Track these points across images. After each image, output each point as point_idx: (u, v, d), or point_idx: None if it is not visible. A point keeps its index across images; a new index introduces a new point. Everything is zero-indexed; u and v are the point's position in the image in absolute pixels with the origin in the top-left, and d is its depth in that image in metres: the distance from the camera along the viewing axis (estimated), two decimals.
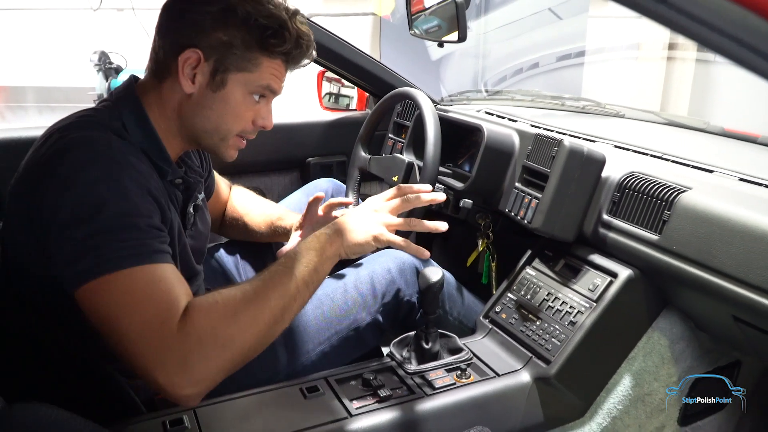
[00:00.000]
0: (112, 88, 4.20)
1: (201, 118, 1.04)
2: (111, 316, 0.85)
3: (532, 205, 1.28)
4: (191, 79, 1.00)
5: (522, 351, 1.23)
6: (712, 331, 1.23)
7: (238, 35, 0.98)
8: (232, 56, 0.99)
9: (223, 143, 1.07)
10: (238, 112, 1.04)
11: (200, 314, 0.86)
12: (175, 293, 0.87)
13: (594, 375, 1.21)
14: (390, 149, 1.81)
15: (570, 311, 1.20)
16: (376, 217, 1.10)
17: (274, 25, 0.98)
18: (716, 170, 1.21)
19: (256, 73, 1.01)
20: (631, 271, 1.18)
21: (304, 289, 0.98)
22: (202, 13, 0.97)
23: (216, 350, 0.86)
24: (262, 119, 1.07)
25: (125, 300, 0.84)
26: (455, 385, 1.14)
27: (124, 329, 0.84)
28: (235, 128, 1.06)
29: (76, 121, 0.97)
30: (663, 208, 1.12)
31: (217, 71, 1.00)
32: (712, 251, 1.03)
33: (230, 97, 1.02)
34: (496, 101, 2.05)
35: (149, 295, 0.85)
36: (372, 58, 1.87)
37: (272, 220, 1.44)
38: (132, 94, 1.03)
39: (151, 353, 0.83)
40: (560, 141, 1.24)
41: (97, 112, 1.01)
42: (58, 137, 0.93)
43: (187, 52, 0.98)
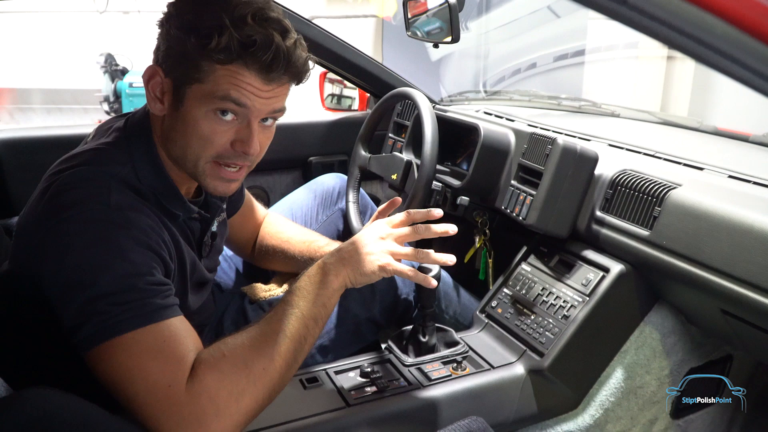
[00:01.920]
0: (118, 90, 4.20)
1: (171, 142, 0.96)
2: (118, 380, 0.82)
3: (526, 202, 1.31)
4: (160, 100, 0.94)
5: (517, 344, 1.26)
6: (702, 325, 1.26)
7: (185, 43, 0.89)
8: (183, 67, 0.90)
9: (197, 171, 0.96)
10: (202, 132, 0.92)
11: (209, 371, 0.84)
12: (181, 351, 0.84)
13: (587, 368, 1.24)
14: (390, 148, 1.85)
15: (563, 305, 1.23)
16: (382, 245, 1.04)
17: (213, 27, 0.87)
18: (706, 168, 1.23)
19: (210, 82, 0.89)
20: (622, 266, 1.21)
21: (313, 327, 0.95)
22: (164, 28, 0.92)
23: (230, 406, 0.83)
24: (240, 142, 0.94)
25: (131, 364, 0.82)
26: (451, 376, 1.17)
27: (132, 393, 0.82)
28: (203, 152, 0.94)
29: (78, 171, 0.91)
30: (654, 205, 1.15)
31: (177, 87, 0.92)
32: (700, 246, 1.05)
33: (189, 114, 0.92)
34: (495, 101, 2.08)
35: (155, 356, 0.82)
36: (372, 59, 1.90)
37: (312, 248, 1.37)
38: (146, 130, 0.98)
39: (163, 416, 0.81)
40: (554, 139, 1.27)
41: (106, 152, 0.95)
42: (56, 191, 0.88)
43: (149, 68, 0.93)
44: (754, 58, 0.38)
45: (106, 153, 0.95)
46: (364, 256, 1.02)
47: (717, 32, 0.38)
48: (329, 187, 1.66)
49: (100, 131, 1.05)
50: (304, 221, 1.61)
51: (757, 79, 0.40)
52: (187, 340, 0.87)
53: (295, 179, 1.98)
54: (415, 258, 1.05)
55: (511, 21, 4.61)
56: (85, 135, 1.11)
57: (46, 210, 0.88)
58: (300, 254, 1.38)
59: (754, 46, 0.38)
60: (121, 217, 0.87)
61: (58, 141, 1.55)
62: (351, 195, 1.61)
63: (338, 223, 1.65)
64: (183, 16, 0.90)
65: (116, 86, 4.60)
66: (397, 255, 1.04)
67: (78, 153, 0.96)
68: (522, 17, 4.51)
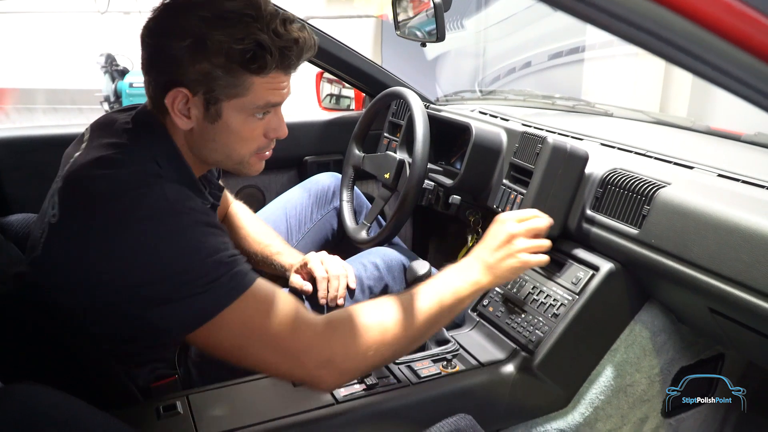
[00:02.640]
0: (119, 90, 4.22)
1: (208, 150, 1.01)
2: (238, 346, 0.90)
3: (517, 201, 1.31)
4: (186, 116, 0.96)
5: (507, 343, 1.26)
6: (692, 324, 1.26)
7: (218, 64, 0.91)
8: (218, 86, 0.93)
9: (241, 165, 1.05)
10: (244, 135, 0.99)
11: (346, 324, 0.94)
12: (286, 300, 0.92)
13: (577, 366, 1.24)
14: (385, 148, 1.85)
15: (553, 304, 1.23)
16: (518, 245, 1.09)
17: (251, 48, 0.91)
18: (696, 166, 1.23)
19: (250, 95, 0.95)
20: (612, 264, 1.21)
21: (447, 316, 1.04)
22: (177, 49, 0.92)
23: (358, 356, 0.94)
24: (274, 131, 1.03)
25: (247, 327, 0.89)
26: (440, 374, 1.17)
27: (258, 352, 0.90)
28: (247, 150, 1.02)
29: (118, 174, 0.91)
30: (643, 203, 1.15)
31: (210, 103, 0.95)
32: (687, 244, 1.06)
33: (230, 124, 0.97)
34: (490, 101, 2.09)
35: (266, 313, 0.90)
36: (367, 59, 1.91)
37: (270, 251, 1.42)
38: (161, 127, 1.00)
39: (291, 362, 0.91)
40: (544, 138, 1.27)
41: (129, 151, 0.96)
42: (106, 198, 0.89)
43: (173, 92, 0.94)
44: (715, 54, 0.39)
45: (129, 153, 0.96)
46: (507, 261, 1.09)
47: (677, 29, 0.38)
48: (324, 186, 1.67)
49: (101, 128, 1.05)
50: (298, 220, 1.61)
51: (721, 75, 0.41)
52: (283, 292, 0.94)
53: (290, 178, 1.99)
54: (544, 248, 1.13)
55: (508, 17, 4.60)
56: (77, 134, 1.11)
57: (104, 219, 0.88)
58: (254, 253, 1.42)
59: (716, 43, 0.38)
60: (184, 206, 0.91)
61: (52, 140, 1.56)
62: (345, 194, 1.62)
63: (333, 222, 1.66)
64: (212, 38, 0.90)
65: (116, 86, 4.63)
66: (530, 249, 1.10)
67: (100, 157, 0.94)
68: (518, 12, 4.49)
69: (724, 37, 0.40)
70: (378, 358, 0.97)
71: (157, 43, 0.95)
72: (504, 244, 1.09)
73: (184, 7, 0.93)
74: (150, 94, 1.00)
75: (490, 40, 4.87)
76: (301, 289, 1.31)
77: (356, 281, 1.34)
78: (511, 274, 1.10)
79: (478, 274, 1.07)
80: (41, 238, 0.95)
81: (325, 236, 1.66)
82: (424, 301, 1.01)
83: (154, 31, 0.96)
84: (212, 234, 0.91)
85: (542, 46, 4.44)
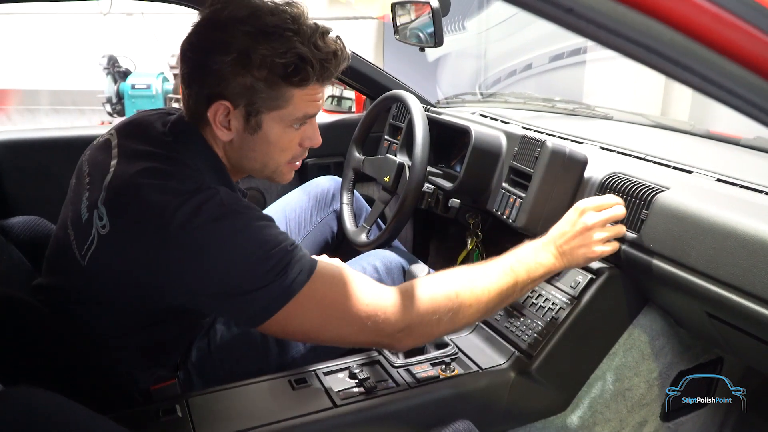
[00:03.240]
0: (121, 92, 4.23)
1: (247, 159, 1.06)
2: (315, 326, 0.96)
3: (516, 204, 1.31)
4: (226, 128, 1.00)
5: (506, 346, 1.26)
6: (690, 328, 1.26)
7: (260, 78, 0.95)
8: (260, 99, 0.97)
9: (275, 174, 1.10)
10: (282, 145, 1.04)
11: (424, 295, 0.99)
12: (351, 274, 0.98)
13: (575, 370, 1.24)
14: (386, 150, 1.86)
15: (552, 308, 1.24)
16: (594, 236, 1.12)
17: (293, 61, 0.95)
18: (695, 171, 1.24)
19: (290, 107, 0.99)
20: (611, 268, 1.22)
21: (517, 293, 1.09)
22: (220, 63, 0.95)
23: (432, 323, 1.00)
24: (308, 140, 1.08)
25: (321, 306, 0.95)
26: (439, 378, 1.17)
27: (336, 327, 0.97)
28: (283, 160, 1.07)
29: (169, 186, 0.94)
30: (641, 207, 1.15)
31: (250, 115, 0.99)
32: (685, 249, 1.06)
33: (270, 135, 1.01)
34: (491, 104, 2.09)
35: (336, 288, 0.96)
36: (368, 62, 1.91)
37: None
38: (201, 139, 1.03)
39: (370, 332, 0.97)
40: (543, 142, 1.27)
41: (174, 162, 0.98)
42: (162, 209, 0.91)
43: (215, 105, 0.98)
44: (703, 65, 0.39)
45: (176, 163, 0.98)
46: (581, 250, 1.11)
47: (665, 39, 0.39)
48: (323, 189, 1.67)
49: (132, 134, 1.06)
50: (298, 223, 1.62)
51: (708, 85, 0.41)
52: (346, 267, 1.02)
53: (291, 181, 1.99)
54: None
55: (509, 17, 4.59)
56: (83, 137, 1.12)
57: (167, 228, 0.90)
58: None
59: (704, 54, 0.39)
60: (239, 206, 0.95)
61: (53, 143, 1.57)
62: (345, 197, 1.62)
63: (332, 225, 1.66)
64: (256, 53, 0.94)
65: (119, 88, 4.64)
66: (606, 239, 1.13)
67: (148, 168, 0.96)
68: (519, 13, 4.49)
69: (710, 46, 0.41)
70: (450, 324, 1.02)
71: (200, 57, 0.97)
72: (580, 234, 1.11)
73: (227, 22, 0.96)
74: (190, 105, 1.02)
75: (491, 41, 4.86)
76: None
77: None
78: (584, 262, 1.13)
79: (552, 258, 1.11)
80: (89, 248, 0.97)
81: (325, 239, 1.66)
82: (497, 275, 1.06)
83: (197, 46, 0.98)
84: (271, 227, 0.96)
85: (543, 47, 4.44)
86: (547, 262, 1.10)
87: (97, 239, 0.96)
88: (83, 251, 0.98)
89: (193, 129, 1.03)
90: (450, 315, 1.01)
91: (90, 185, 1.02)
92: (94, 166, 1.05)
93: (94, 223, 0.96)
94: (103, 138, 1.10)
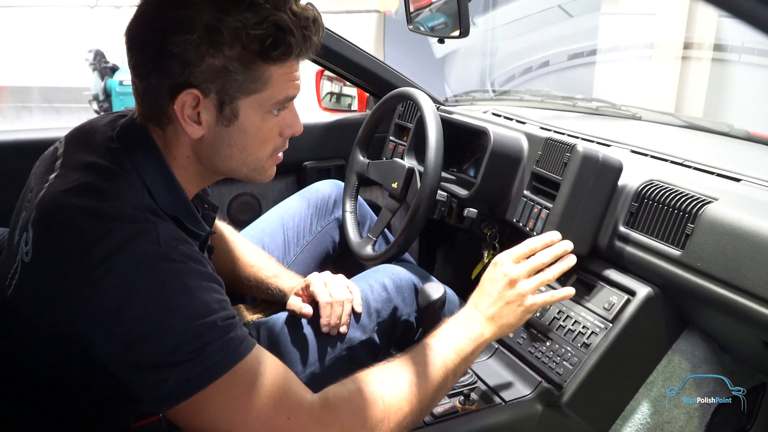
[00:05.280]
0: (108, 89, 4.07)
1: (222, 158, 0.89)
2: (225, 428, 0.77)
3: (541, 216, 1.18)
4: (196, 122, 0.84)
5: (531, 375, 1.14)
6: (736, 354, 1.14)
7: (234, 55, 0.80)
8: (234, 83, 0.82)
9: (256, 171, 0.93)
10: (262, 136, 0.88)
11: (345, 404, 0.83)
12: (284, 377, 0.81)
13: (609, 402, 1.12)
14: (391, 153, 1.72)
15: (583, 332, 1.11)
16: (520, 288, 0.99)
17: (271, 32, 0.80)
18: (743, 179, 1.11)
19: (269, 89, 0.85)
20: (650, 288, 1.09)
21: (452, 379, 0.94)
22: (183, 44, 0.79)
23: None
24: (289, 128, 0.92)
25: (236, 406, 0.77)
26: (458, 413, 1.05)
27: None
28: (264, 153, 0.91)
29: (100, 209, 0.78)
30: (686, 221, 1.02)
31: (224, 103, 0.84)
32: (740, 270, 0.93)
33: (247, 125, 0.86)
34: (504, 102, 1.96)
35: (259, 391, 0.78)
36: (371, 56, 1.78)
37: (266, 275, 1.28)
38: (150, 144, 0.87)
39: None
40: (573, 146, 1.14)
41: (116, 177, 0.83)
42: (87, 240, 0.75)
43: (181, 96, 0.81)
44: None
45: (117, 178, 0.83)
46: (509, 309, 0.99)
47: None
48: (324, 195, 1.54)
49: (78, 142, 0.91)
50: (296, 232, 1.48)
51: None
52: (280, 365, 0.82)
53: (288, 185, 1.85)
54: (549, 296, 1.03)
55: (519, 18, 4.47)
56: (53, 139, 0.98)
57: (83, 263, 0.75)
58: (247, 279, 1.28)
59: None
60: (176, 253, 0.78)
61: (26, 146, 1.43)
62: (348, 204, 1.48)
63: (334, 235, 1.53)
64: (225, 26, 0.79)
65: (106, 84, 4.46)
66: (532, 291, 1.00)
67: (82, 184, 0.81)
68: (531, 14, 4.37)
69: None
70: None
71: (157, 41, 0.80)
72: (503, 291, 0.99)
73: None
74: (147, 102, 0.85)
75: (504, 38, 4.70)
76: (300, 313, 1.18)
77: (362, 304, 1.22)
78: (517, 321, 1.00)
79: (480, 327, 0.97)
80: (13, 277, 0.82)
81: (326, 250, 1.52)
82: (426, 367, 0.90)
83: (151, 28, 0.81)
84: (206, 289, 0.79)
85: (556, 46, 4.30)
86: (475, 335, 0.96)
87: (20, 267, 0.81)
88: (8, 280, 0.83)
89: (142, 133, 0.87)
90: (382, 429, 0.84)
91: (28, 203, 0.87)
92: (36, 179, 0.90)
93: (21, 247, 0.82)
94: (53, 147, 0.95)
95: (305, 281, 1.21)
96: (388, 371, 0.89)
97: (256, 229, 1.49)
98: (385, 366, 0.90)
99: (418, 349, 0.94)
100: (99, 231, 0.76)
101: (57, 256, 0.77)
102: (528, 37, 4.48)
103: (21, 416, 0.88)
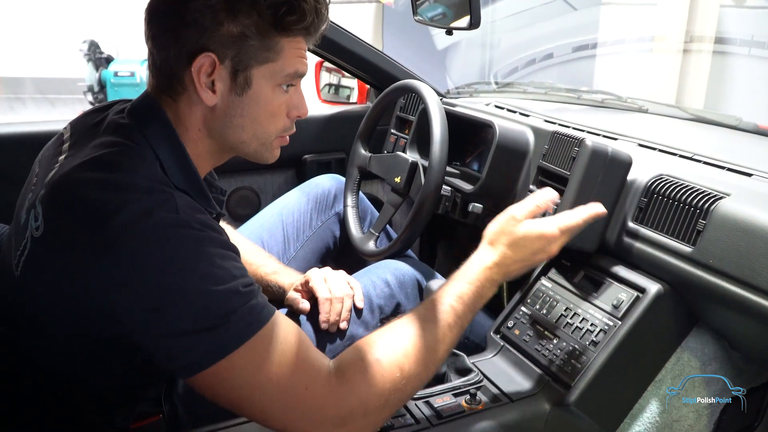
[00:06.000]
0: (103, 80, 4.02)
1: (233, 129, 0.89)
2: (246, 395, 0.78)
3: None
4: (210, 89, 0.85)
5: (538, 373, 1.12)
6: (748, 352, 1.12)
7: (250, 23, 0.82)
8: (249, 49, 0.84)
9: (264, 148, 0.93)
10: (272, 109, 0.89)
11: (361, 376, 0.82)
12: (304, 345, 0.82)
13: (618, 400, 1.10)
14: (393, 146, 1.70)
15: (591, 329, 1.09)
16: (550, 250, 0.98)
17: (286, 0, 0.83)
18: (755, 174, 1.09)
19: (281, 60, 0.86)
20: (660, 285, 1.07)
21: (462, 330, 0.94)
22: (202, 9, 0.81)
23: (378, 408, 0.83)
24: (296, 109, 0.93)
25: (257, 374, 0.77)
26: (465, 412, 1.03)
27: (266, 405, 0.78)
28: (274, 128, 0.92)
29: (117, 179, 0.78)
30: (697, 217, 1.00)
31: (238, 71, 0.85)
32: (755, 267, 0.91)
33: (260, 95, 0.87)
34: (507, 94, 1.93)
35: (280, 359, 0.78)
36: (373, 48, 1.75)
37: (264, 272, 1.27)
38: (163, 121, 0.87)
39: (305, 420, 0.80)
40: (582, 140, 1.12)
41: (130, 152, 0.83)
42: (104, 210, 0.75)
43: (199, 59, 0.82)
44: None
45: (129, 151, 0.83)
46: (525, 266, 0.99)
47: None
48: (325, 190, 1.51)
49: (87, 127, 0.91)
50: (296, 227, 1.46)
51: None
52: (299, 331, 0.83)
53: (288, 179, 1.83)
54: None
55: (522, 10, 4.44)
56: (50, 132, 0.96)
57: (103, 234, 0.74)
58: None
59: None
60: (194, 221, 0.78)
61: (22, 139, 1.40)
62: (349, 199, 1.46)
63: (334, 230, 1.51)
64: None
65: (101, 75, 4.41)
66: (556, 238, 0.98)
67: (93, 158, 0.80)
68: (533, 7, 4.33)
69: None
70: (398, 402, 0.87)
71: (175, 9, 0.82)
72: (533, 256, 0.97)
73: None
74: (164, 72, 0.86)
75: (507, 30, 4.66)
76: (298, 308, 1.17)
77: (364, 300, 1.20)
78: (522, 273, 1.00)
79: (495, 278, 0.98)
80: (22, 254, 0.81)
81: (326, 245, 1.50)
82: (439, 320, 0.91)
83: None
84: (226, 257, 0.79)
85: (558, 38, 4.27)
86: (487, 292, 0.97)
87: (30, 243, 0.80)
88: (16, 259, 0.82)
89: (155, 107, 0.87)
90: (398, 393, 0.85)
91: (35, 186, 0.87)
92: (42, 164, 0.90)
93: (29, 224, 0.81)
94: (57, 135, 0.95)
95: (305, 277, 1.19)
96: (402, 335, 0.88)
97: (255, 225, 1.46)
98: (398, 327, 0.90)
99: (429, 301, 0.94)
100: (117, 201, 0.75)
101: (72, 227, 0.76)
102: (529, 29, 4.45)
103: (21, 416, 0.87)
